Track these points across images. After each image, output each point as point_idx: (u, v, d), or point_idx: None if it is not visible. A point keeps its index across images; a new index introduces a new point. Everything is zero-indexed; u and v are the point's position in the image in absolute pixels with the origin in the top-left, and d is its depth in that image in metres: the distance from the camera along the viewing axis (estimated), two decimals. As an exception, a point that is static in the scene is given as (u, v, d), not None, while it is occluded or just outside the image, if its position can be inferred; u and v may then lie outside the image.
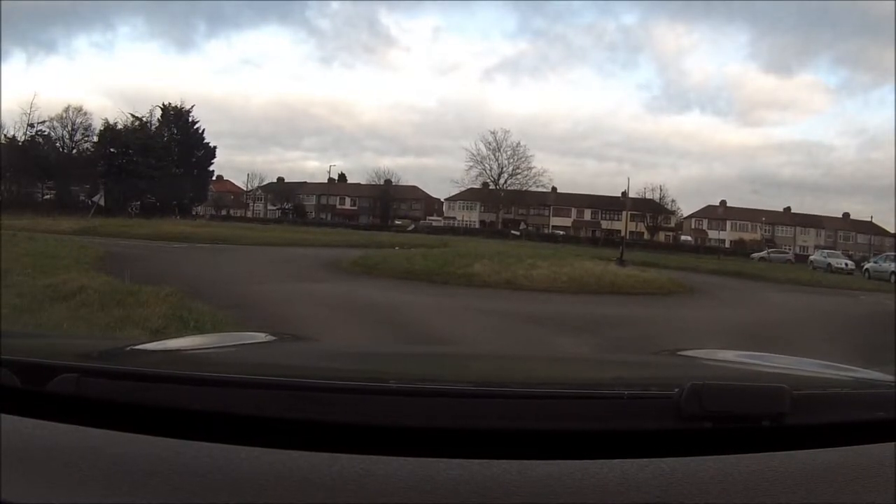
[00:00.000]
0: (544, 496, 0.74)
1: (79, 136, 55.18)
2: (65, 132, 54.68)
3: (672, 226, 66.24)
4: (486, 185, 66.79)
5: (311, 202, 73.55)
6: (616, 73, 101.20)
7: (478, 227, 64.15)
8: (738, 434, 0.87)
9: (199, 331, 5.88)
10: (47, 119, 53.55)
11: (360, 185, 73.00)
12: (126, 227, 29.09)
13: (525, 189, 65.97)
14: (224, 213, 65.51)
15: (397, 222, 62.38)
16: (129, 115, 54.03)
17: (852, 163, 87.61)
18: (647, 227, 64.11)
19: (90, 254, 15.46)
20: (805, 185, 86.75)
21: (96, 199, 43.25)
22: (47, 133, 54.29)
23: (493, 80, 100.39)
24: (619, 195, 59.04)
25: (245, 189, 73.91)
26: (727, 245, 60.85)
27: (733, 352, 1.77)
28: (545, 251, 22.48)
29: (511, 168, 65.71)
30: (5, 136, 51.90)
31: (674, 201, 66.96)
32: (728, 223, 67.08)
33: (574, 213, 68.93)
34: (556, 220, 67.84)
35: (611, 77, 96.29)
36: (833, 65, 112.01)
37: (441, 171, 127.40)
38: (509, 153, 65.46)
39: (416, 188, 73.22)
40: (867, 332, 9.39)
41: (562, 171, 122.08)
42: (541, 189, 66.74)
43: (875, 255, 38.23)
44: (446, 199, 72.10)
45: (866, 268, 31.93)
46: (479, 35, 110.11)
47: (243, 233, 30.72)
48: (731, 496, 0.76)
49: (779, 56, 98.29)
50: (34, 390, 0.92)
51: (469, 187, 67.26)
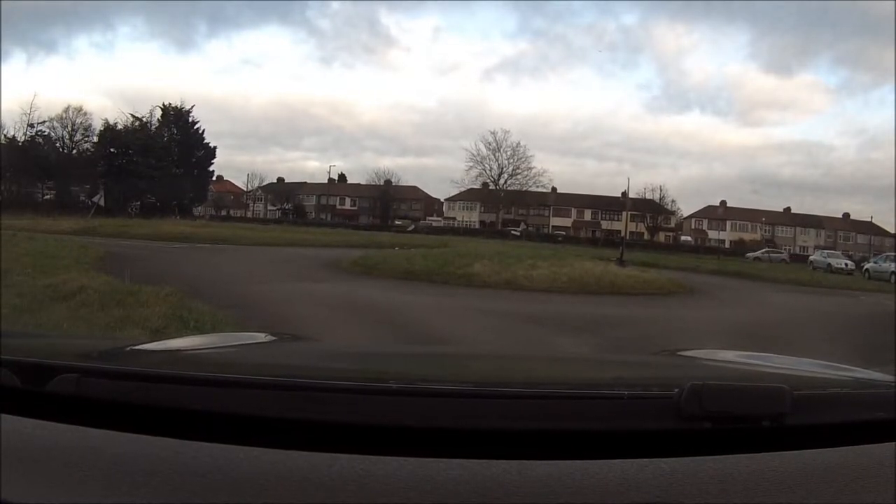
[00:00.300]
0: (544, 496, 0.74)
1: (79, 137, 55.31)
2: (65, 132, 54.81)
3: (672, 226, 66.24)
4: (485, 185, 66.81)
5: (311, 202, 73.55)
6: (616, 73, 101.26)
7: (478, 227, 64.16)
8: (738, 434, 0.87)
9: (199, 331, 5.88)
10: (47, 119, 53.70)
11: (360, 185, 73.03)
12: (126, 228, 29.09)
13: (525, 189, 65.98)
14: (224, 213, 65.49)
15: (397, 222, 62.35)
16: (129, 116, 54.23)
17: (852, 163, 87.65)
18: (647, 228, 64.11)
19: (90, 254, 15.47)
20: (805, 185, 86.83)
21: (96, 199, 43.27)
22: (47, 133, 54.43)
23: (493, 80, 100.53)
24: (619, 195, 59.09)
25: (245, 189, 73.95)
26: (727, 245, 60.84)
27: (733, 352, 1.77)
28: (545, 251, 22.49)
29: (511, 168, 65.82)
30: (5, 136, 52.05)
31: (674, 201, 67.10)
32: (728, 223, 67.08)
33: (574, 213, 68.93)
34: (556, 221, 67.83)
35: (611, 77, 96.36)
36: (833, 65, 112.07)
37: (441, 172, 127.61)
38: (509, 153, 65.56)
39: (416, 188, 73.26)
40: (867, 333, 9.39)
41: (562, 171, 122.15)
42: (541, 189, 66.84)
43: (875, 255, 38.22)
44: (446, 200, 72.14)
45: (866, 268, 31.93)
46: (479, 35, 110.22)
47: (243, 233, 30.72)
48: (731, 496, 0.76)
49: (779, 56, 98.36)
50: (34, 390, 0.92)
51: (469, 187, 67.31)
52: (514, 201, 66.17)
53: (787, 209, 67.76)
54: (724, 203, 68.37)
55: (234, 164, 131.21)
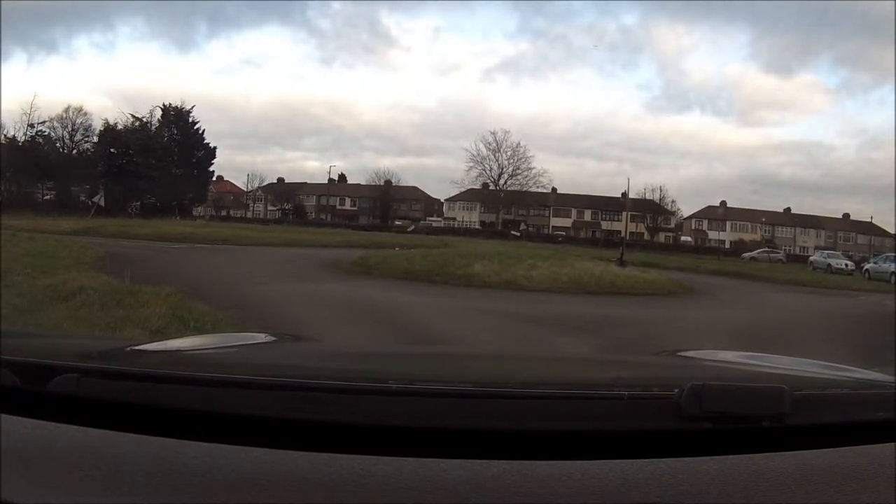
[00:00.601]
0: (544, 496, 0.74)
1: (79, 137, 55.32)
2: (65, 132, 54.80)
3: (672, 226, 66.23)
4: (486, 185, 66.80)
5: (311, 203, 73.54)
6: (616, 74, 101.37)
7: (478, 227, 64.10)
8: (738, 434, 0.87)
9: (199, 331, 5.88)
10: (47, 119, 53.69)
11: (360, 185, 73.03)
12: (126, 228, 29.11)
13: (525, 189, 65.96)
14: (224, 213, 65.46)
15: (397, 223, 62.35)
16: (130, 116, 54.30)
17: (852, 163, 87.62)
18: (647, 228, 64.09)
19: (90, 254, 15.47)
20: (805, 186, 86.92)
21: (96, 199, 43.33)
22: (47, 133, 54.42)
23: (493, 81, 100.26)
24: (619, 196, 59.14)
25: (245, 189, 73.91)
26: (727, 246, 60.81)
27: (733, 352, 1.77)
28: (545, 252, 22.47)
29: (511, 168, 65.79)
30: (5, 136, 52.02)
31: (674, 202, 67.07)
32: (728, 224, 67.07)
33: (574, 213, 68.92)
34: (556, 221, 67.83)
35: (611, 77, 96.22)
36: (833, 65, 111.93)
37: (441, 172, 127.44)
38: (509, 153, 65.54)
39: (416, 189, 73.26)
40: (867, 333, 9.39)
41: (562, 172, 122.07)
42: (541, 189, 66.82)
43: (875, 255, 38.23)
44: (446, 200, 72.13)
45: (866, 268, 31.93)
46: (479, 35, 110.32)
47: (243, 233, 30.72)
48: (731, 496, 0.76)
49: (779, 56, 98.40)
50: (34, 390, 0.92)
51: (469, 188, 67.29)
52: (514, 201, 66.16)
53: (787, 209, 67.84)
54: (724, 203, 68.37)
55: (234, 164, 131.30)
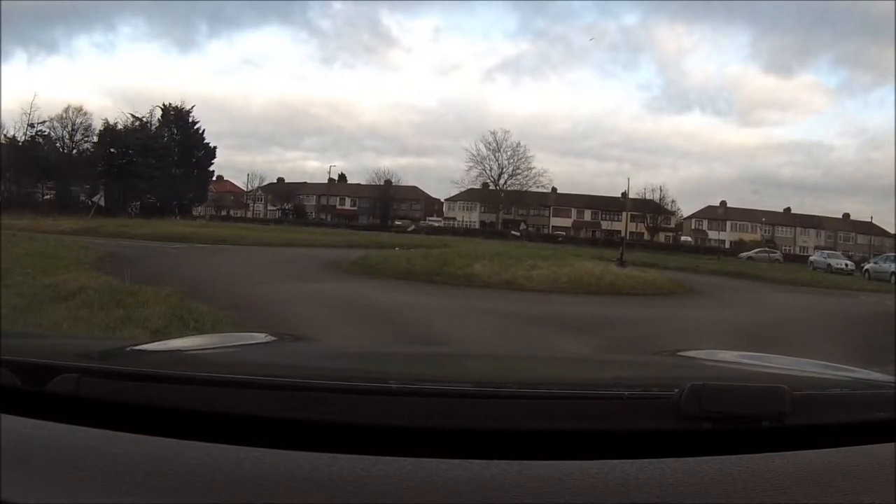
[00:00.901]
0: (544, 496, 0.74)
1: (79, 137, 55.24)
2: (65, 132, 54.73)
3: (672, 226, 66.20)
4: (486, 185, 66.77)
5: (311, 202, 73.53)
6: (616, 74, 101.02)
7: (478, 227, 64.09)
8: (738, 434, 0.87)
9: (199, 331, 5.88)
10: (47, 119, 53.61)
11: (360, 185, 72.97)
12: (126, 228, 29.10)
13: (525, 189, 65.91)
14: (224, 213, 65.43)
15: (397, 223, 62.32)
16: (129, 116, 54.20)
17: (852, 163, 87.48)
18: (647, 228, 64.06)
19: (90, 254, 15.47)
20: (805, 186, 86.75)
21: (96, 199, 43.31)
22: (47, 133, 54.35)
23: (493, 81, 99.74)
24: (619, 195, 59.13)
25: (245, 189, 73.88)
26: (727, 245, 60.83)
27: (733, 352, 1.77)
28: (545, 252, 22.45)
29: (511, 168, 65.74)
30: (5, 136, 51.99)
31: (674, 202, 66.97)
32: (728, 223, 67.06)
33: (574, 213, 68.90)
34: (556, 221, 67.80)
35: (611, 77, 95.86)
36: (833, 65, 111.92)
37: (441, 172, 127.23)
38: (509, 153, 65.48)
39: (416, 188, 73.23)
40: (867, 333, 9.38)
41: (562, 172, 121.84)
42: (541, 189, 66.76)
43: (875, 255, 38.23)
44: (446, 200, 72.10)
45: (866, 268, 31.92)
46: (479, 35, 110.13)
47: (243, 233, 30.70)
48: (731, 496, 0.76)
49: (779, 56, 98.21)
50: (34, 390, 0.92)
51: (469, 188, 67.26)
52: (514, 201, 66.12)
53: (787, 209, 67.78)
54: (724, 203, 68.36)
55: (234, 164, 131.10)
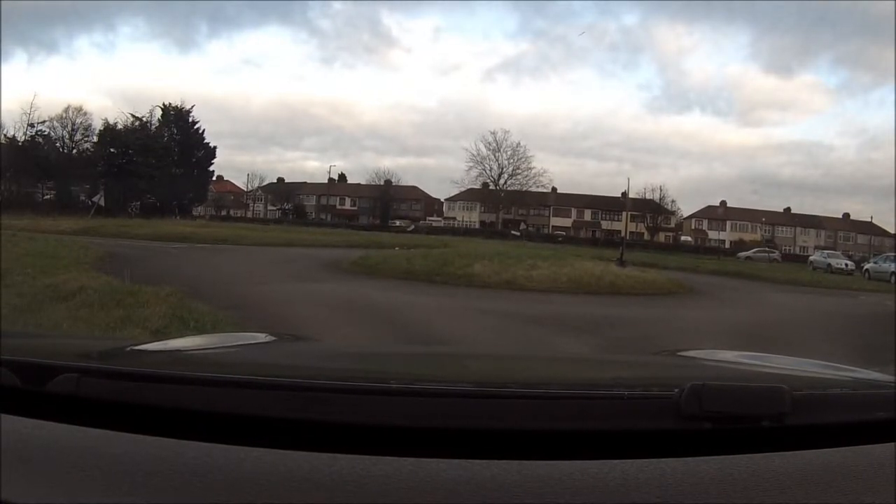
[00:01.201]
0: (544, 496, 0.74)
1: (79, 136, 55.24)
2: (65, 132, 54.73)
3: (672, 226, 66.20)
4: (486, 185, 66.77)
5: (311, 202, 73.53)
6: (616, 74, 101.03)
7: (478, 227, 64.09)
8: (738, 434, 0.87)
9: (199, 331, 5.88)
10: (47, 119, 53.62)
11: (360, 185, 72.97)
12: (126, 228, 29.10)
13: (525, 189, 65.91)
14: (224, 213, 65.45)
15: (397, 223, 62.33)
16: (129, 115, 54.20)
17: (852, 163, 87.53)
18: (647, 228, 64.06)
19: (90, 254, 15.47)
20: (805, 186, 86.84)
21: (96, 199, 43.32)
22: (47, 133, 54.35)
23: (493, 81, 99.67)
24: (619, 195, 59.13)
25: (245, 189, 73.90)
26: (727, 245, 60.84)
27: (733, 352, 1.77)
28: (545, 251, 22.45)
29: (511, 168, 65.74)
30: (5, 136, 51.99)
31: (674, 201, 66.98)
32: (728, 223, 67.07)
33: (574, 213, 68.90)
34: (556, 221, 67.81)
35: (611, 77, 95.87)
36: (833, 65, 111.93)
37: (441, 171, 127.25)
38: (509, 153, 65.49)
39: (416, 188, 73.23)
40: (867, 333, 9.38)
41: (562, 172, 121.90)
42: (541, 189, 66.76)
43: (875, 255, 38.23)
44: (446, 200, 72.10)
45: (866, 268, 31.92)
46: (480, 35, 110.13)
47: (243, 233, 30.70)
48: (731, 496, 0.76)
49: (779, 56, 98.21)
50: (34, 390, 0.92)
51: (469, 188, 67.26)
52: (514, 201, 66.12)
53: (787, 209, 67.78)
54: (724, 203, 68.37)
55: (234, 164, 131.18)
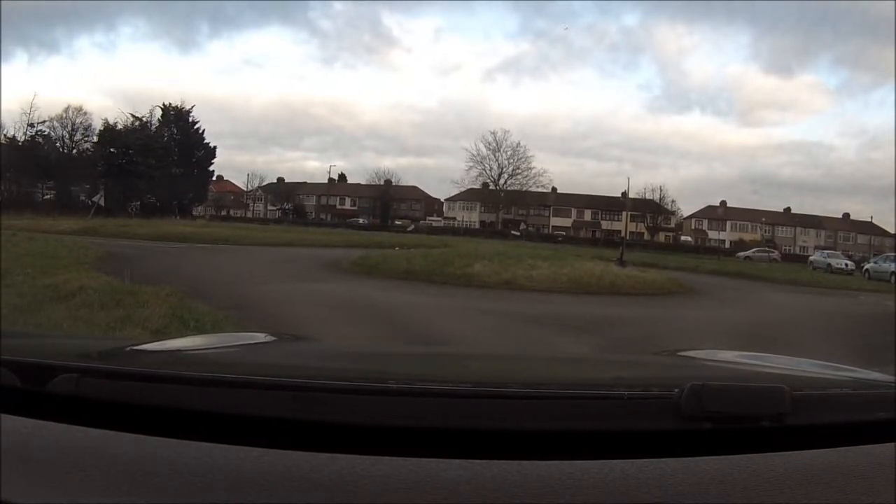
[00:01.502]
0: (544, 496, 0.74)
1: (79, 136, 55.23)
2: (65, 132, 54.71)
3: (672, 226, 66.20)
4: (485, 185, 66.78)
5: (311, 202, 73.53)
6: (617, 74, 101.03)
7: (478, 227, 64.10)
8: (738, 434, 0.87)
9: (199, 331, 5.88)
10: (47, 119, 53.60)
11: (360, 185, 72.97)
12: (126, 228, 29.09)
13: (525, 189, 65.95)
14: (224, 213, 65.46)
15: (397, 223, 62.34)
16: (129, 115, 54.23)
17: (852, 163, 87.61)
18: (647, 228, 64.06)
19: (90, 254, 15.48)
20: (805, 186, 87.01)
21: (96, 199, 43.35)
22: (47, 133, 54.32)
23: (493, 81, 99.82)
24: (619, 195, 59.11)
25: (245, 189, 73.89)
26: (727, 245, 60.84)
27: (733, 352, 1.77)
28: (545, 251, 22.45)
29: (511, 168, 65.78)
30: (5, 136, 51.98)
31: (674, 201, 66.99)
32: (728, 223, 67.07)
33: (574, 213, 68.89)
34: (556, 221, 67.80)
35: (611, 77, 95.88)
36: (833, 65, 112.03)
37: (441, 171, 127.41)
38: (509, 153, 65.53)
39: (416, 188, 73.23)
40: (867, 333, 9.38)
41: (562, 172, 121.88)
42: (541, 189, 66.80)
43: (875, 255, 38.23)
44: (446, 200, 72.10)
45: (866, 268, 31.93)
46: (480, 35, 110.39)
47: (243, 233, 30.71)
48: (731, 496, 0.76)
49: (779, 57, 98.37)
50: (34, 390, 0.92)
51: (469, 188, 67.27)
52: (514, 201, 66.14)
53: (787, 209, 67.80)
54: (724, 203, 68.37)
55: (234, 164, 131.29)
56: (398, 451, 0.80)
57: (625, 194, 55.25)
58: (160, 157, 51.52)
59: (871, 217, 66.00)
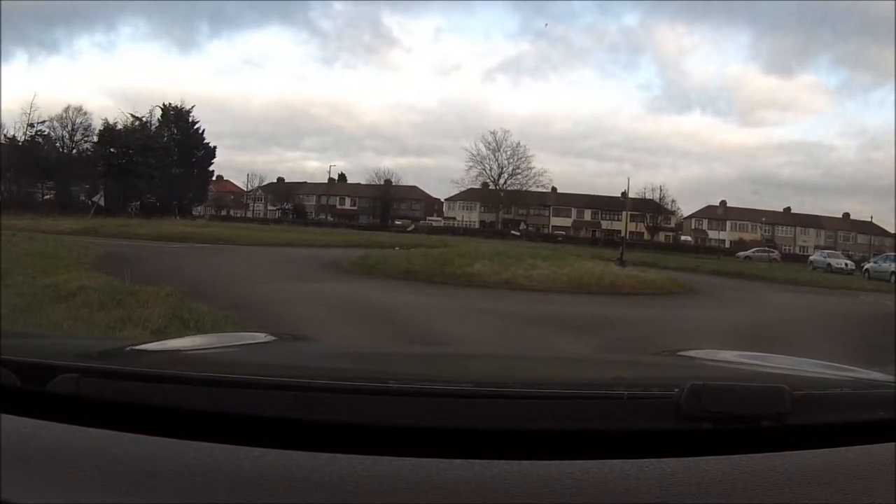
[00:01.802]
0: (544, 496, 0.74)
1: (79, 136, 55.19)
2: (65, 132, 54.67)
3: (672, 226, 66.21)
4: (485, 185, 66.80)
5: (311, 202, 73.53)
6: (617, 74, 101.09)
7: (478, 227, 64.12)
8: (738, 434, 0.87)
9: (199, 331, 5.88)
10: (47, 119, 53.55)
11: (360, 185, 72.97)
12: (126, 228, 29.09)
13: (525, 189, 65.97)
14: (224, 213, 65.48)
15: (397, 222, 62.34)
16: (129, 115, 54.18)
17: (852, 163, 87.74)
18: (647, 228, 64.07)
19: (90, 254, 15.48)
20: (805, 186, 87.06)
21: (96, 199, 43.35)
22: (47, 133, 54.27)
23: (493, 81, 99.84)
24: (619, 195, 59.15)
25: (245, 189, 73.92)
26: (727, 245, 60.86)
27: (733, 352, 1.77)
28: (545, 251, 22.46)
29: (511, 168, 65.83)
30: (5, 136, 51.94)
31: (674, 201, 67.01)
32: (728, 223, 67.09)
33: (574, 213, 68.91)
34: (556, 221, 67.81)
35: (611, 77, 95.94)
36: (833, 65, 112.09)
37: (441, 171, 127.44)
38: (509, 153, 65.57)
39: (415, 188, 73.24)
40: (867, 333, 9.38)
41: (562, 171, 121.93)
42: (541, 189, 66.85)
43: (875, 255, 38.24)
44: (446, 200, 72.14)
45: (866, 268, 31.95)
46: (480, 35, 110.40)
47: (243, 233, 30.71)
48: (731, 496, 0.76)
49: (779, 57, 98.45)
50: (34, 390, 0.92)
51: (469, 187, 67.30)
52: (514, 201, 66.15)
53: (787, 209, 67.82)
54: (724, 203, 68.39)
55: (234, 164, 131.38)
56: (398, 451, 0.80)
57: (625, 194, 55.33)
58: (160, 157, 51.50)
59: (871, 217, 66.16)
